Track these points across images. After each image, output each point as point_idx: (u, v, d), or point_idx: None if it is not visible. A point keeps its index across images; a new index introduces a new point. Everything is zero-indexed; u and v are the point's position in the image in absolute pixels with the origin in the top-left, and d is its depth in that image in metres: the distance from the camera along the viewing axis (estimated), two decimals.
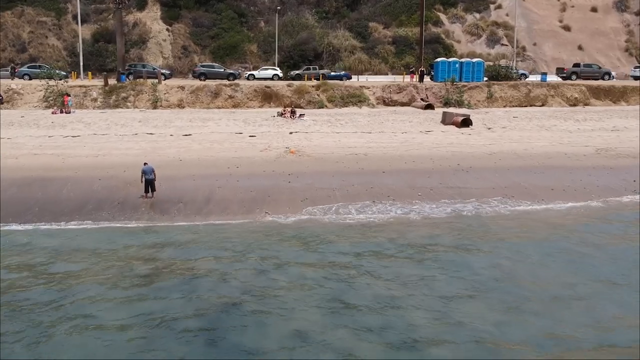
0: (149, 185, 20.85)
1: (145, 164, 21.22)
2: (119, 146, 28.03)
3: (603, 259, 15.86)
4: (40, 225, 18.38)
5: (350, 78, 50.77)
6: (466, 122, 34.03)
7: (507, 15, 69.37)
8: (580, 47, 66.82)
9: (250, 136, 30.90)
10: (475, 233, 17.98)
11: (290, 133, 31.74)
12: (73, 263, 15.33)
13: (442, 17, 67.38)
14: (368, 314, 12.58)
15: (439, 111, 37.83)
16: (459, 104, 41.06)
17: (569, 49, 67.07)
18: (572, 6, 71.55)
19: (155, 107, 38.29)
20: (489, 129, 34.06)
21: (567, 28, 69.14)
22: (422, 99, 41.41)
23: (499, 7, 70.36)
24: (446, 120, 34.67)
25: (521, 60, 62.00)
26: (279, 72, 50.14)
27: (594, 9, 71.43)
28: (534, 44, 67.19)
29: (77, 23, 62.12)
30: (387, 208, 20.33)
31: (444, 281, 14.36)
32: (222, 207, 20.20)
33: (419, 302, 13.15)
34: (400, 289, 13.81)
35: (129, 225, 18.49)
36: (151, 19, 63.44)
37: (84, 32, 62.35)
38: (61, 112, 35.59)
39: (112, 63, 50.18)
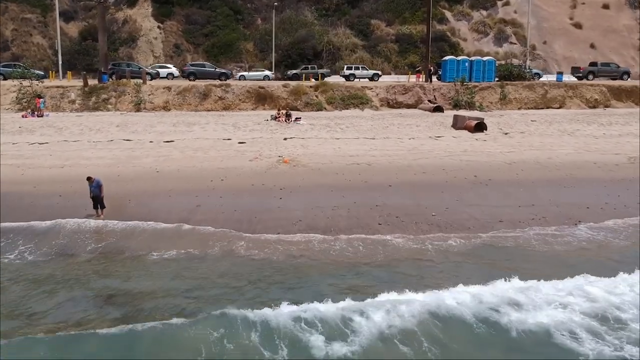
0: (98, 201, 17.88)
1: (89, 178, 17.98)
2: (89, 155, 24.77)
3: None
4: None
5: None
6: (480, 127, 30.73)
7: (515, 12, 66.43)
8: (592, 46, 63.75)
9: (239, 143, 27.64)
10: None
11: (285, 139, 28.47)
12: None
13: (447, 14, 64.42)
14: None
15: (448, 114, 34.53)
16: (470, 106, 37.73)
17: (581, 48, 64.02)
18: (583, 3, 68.55)
19: (138, 110, 35.00)
20: (506, 134, 30.76)
21: (578, 26, 66.12)
22: (429, 101, 38.08)
23: (507, 3, 67.42)
24: (458, 124, 31.35)
25: (531, 59, 58.85)
26: None
27: (605, 6, 68.45)
28: (544, 43, 64.10)
29: (63, 20, 59.37)
30: (397, 234, 16.78)
31: None
32: (199, 232, 16.88)
33: None
34: None
35: (79, 259, 15.05)
36: (142, 16, 60.45)
37: (71, 29, 59.46)
38: (33, 115, 32.33)
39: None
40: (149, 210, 18.37)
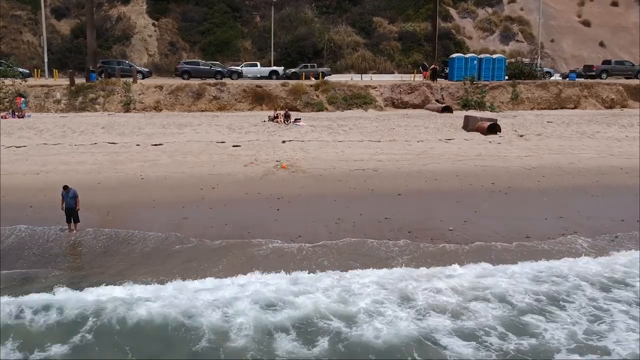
0: (72, 214, 15.76)
1: (66, 187, 15.82)
2: (69, 160, 22.65)
3: None
4: None
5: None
6: (494, 128, 28.61)
7: (521, 9, 64.49)
8: (601, 44, 61.83)
9: (234, 146, 25.52)
10: None
11: (283, 142, 26.36)
12: None
13: (452, 11, 62.42)
14: None
15: (457, 114, 32.41)
16: (480, 106, 35.53)
17: (590, 46, 62.10)
18: (591, 0, 66.59)
19: (127, 110, 32.88)
20: (521, 136, 28.64)
21: (586, 23, 64.26)
22: (437, 101, 35.94)
23: (513, 1, 65.43)
24: (469, 125, 29.22)
25: (540, 58, 56.89)
26: None
27: (614, 3, 66.73)
28: (552, 41, 62.11)
29: (55, 17, 57.32)
30: (412, 257, 14.47)
31: None
32: (181, 255, 14.66)
33: None
34: None
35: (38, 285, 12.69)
36: (136, 13, 58.39)
37: (63, 27, 57.42)
38: (13, 115, 30.21)
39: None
40: (129, 224, 16.24)
